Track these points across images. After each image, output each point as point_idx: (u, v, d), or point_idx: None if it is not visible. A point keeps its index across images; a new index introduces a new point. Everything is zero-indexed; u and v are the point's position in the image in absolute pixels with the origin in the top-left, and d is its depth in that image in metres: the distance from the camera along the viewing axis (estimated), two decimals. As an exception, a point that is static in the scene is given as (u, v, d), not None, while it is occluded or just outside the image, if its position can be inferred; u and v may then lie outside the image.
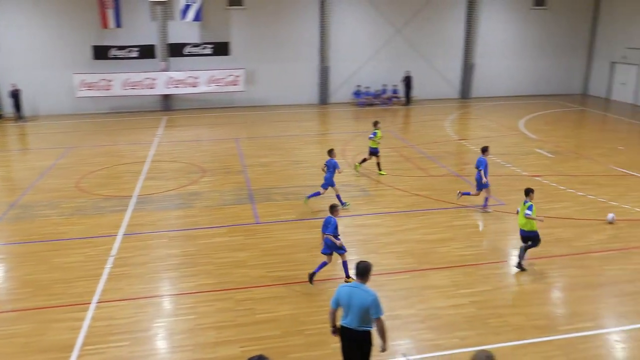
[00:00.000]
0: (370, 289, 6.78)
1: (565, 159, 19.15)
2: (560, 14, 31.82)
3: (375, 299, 6.65)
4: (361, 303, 6.66)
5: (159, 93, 27.92)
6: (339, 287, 6.95)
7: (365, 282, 6.83)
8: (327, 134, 24.19)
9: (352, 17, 29.45)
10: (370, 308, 6.64)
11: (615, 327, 9.04)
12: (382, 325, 6.75)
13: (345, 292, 6.81)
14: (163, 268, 11.13)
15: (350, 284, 6.92)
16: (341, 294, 6.84)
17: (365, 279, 6.82)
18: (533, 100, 31.38)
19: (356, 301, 6.69)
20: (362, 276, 6.80)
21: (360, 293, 6.71)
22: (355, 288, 6.77)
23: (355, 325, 6.78)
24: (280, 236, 12.63)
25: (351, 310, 6.75)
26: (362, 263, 6.86)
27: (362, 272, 6.79)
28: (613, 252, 11.76)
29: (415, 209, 14.28)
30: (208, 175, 17.30)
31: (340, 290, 6.90)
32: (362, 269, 6.80)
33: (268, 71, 29.25)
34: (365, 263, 6.87)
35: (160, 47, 27.45)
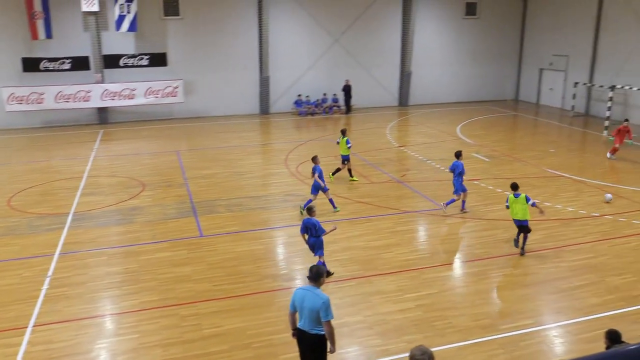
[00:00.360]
0: (322, 293, 6.89)
1: (501, 162, 19.84)
2: (490, 23, 33.09)
3: (325, 302, 6.76)
4: (312, 306, 6.80)
5: (94, 106, 27.10)
6: (295, 290, 7.11)
7: (319, 286, 6.96)
8: (270, 143, 24.14)
9: (290, 27, 29.59)
10: (320, 311, 6.76)
11: (553, 323, 9.41)
12: (330, 328, 6.86)
13: (299, 295, 6.98)
14: (103, 287, 10.77)
15: (305, 287, 7.06)
16: (296, 297, 7.01)
17: (319, 283, 6.96)
18: (468, 106, 32.41)
19: (308, 304, 6.84)
20: (315, 280, 6.94)
21: (312, 296, 6.84)
22: (308, 291, 6.92)
23: (308, 328, 6.94)
24: (225, 249, 12.48)
25: (304, 313, 6.92)
26: (315, 267, 7.06)
27: (314, 276, 6.95)
28: (548, 250, 12.26)
29: (358, 216, 14.43)
30: (148, 189, 16.91)
31: (295, 293, 7.07)
32: (315, 273, 6.96)
33: (207, 82, 28.95)
34: (318, 267, 7.08)
35: (94, 58, 26.68)
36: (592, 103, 29.29)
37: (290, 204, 15.39)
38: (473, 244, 12.73)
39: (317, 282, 6.94)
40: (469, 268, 11.56)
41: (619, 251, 12.19)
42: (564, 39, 30.61)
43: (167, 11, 27.55)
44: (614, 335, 6.38)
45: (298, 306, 6.98)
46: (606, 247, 12.40)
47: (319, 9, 29.73)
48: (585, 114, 29.36)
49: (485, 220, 14.17)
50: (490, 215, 14.45)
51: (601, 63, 28.38)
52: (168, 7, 27.51)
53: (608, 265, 11.51)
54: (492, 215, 14.49)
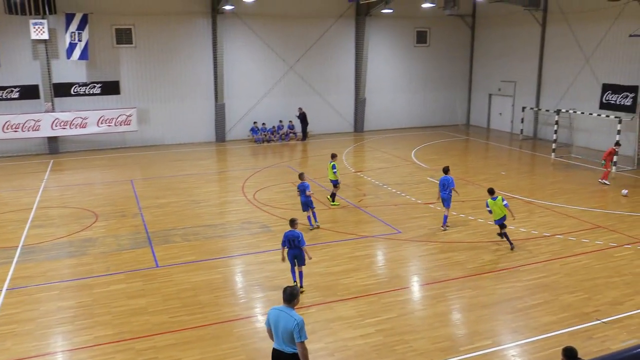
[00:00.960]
0: (296, 314, 7.01)
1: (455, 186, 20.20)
2: (441, 51, 34.07)
3: (299, 324, 6.87)
4: (285, 326, 6.93)
5: (44, 135, 26.38)
6: (270, 310, 7.21)
7: (293, 307, 7.07)
8: (226, 171, 23.98)
9: (245, 54, 29.70)
10: (293, 332, 6.87)
11: (511, 342, 9.56)
12: (304, 349, 6.93)
13: (273, 315, 7.10)
14: (55, 322, 10.36)
15: (279, 307, 7.12)
16: (270, 316, 7.14)
17: (293, 304, 7.07)
18: (422, 131, 33.09)
19: (282, 324, 6.96)
20: (289, 301, 7.05)
21: (285, 317, 6.96)
22: (282, 312, 7.04)
23: (282, 347, 7.04)
24: (182, 279, 12.23)
25: (278, 333, 7.03)
26: (289, 288, 7.16)
27: (288, 297, 7.05)
28: (503, 271, 12.51)
29: (317, 242, 14.42)
30: (102, 220, 16.48)
31: (270, 312, 7.18)
32: (289, 294, 7.07)
33: (162, 110, 28.67)
34: (292, 288, 7.19)
35: (44, 87, 26.07)
36: (539, 127, 30.37)
37: (247, 232, 15.27)
38: (431, 267, 12.88)
39: (290, 303, 7.05)
40: (427, 291, 11.67)
41: (570, 270, 12.55)
42: (511, 65, 31.78)
43: (120, 39, 27.27)
44: (570, 353, 6.51)
45: (273, 326, 7.09)
46: (558, 266, 12.75)
47: (273, 37, 30.01)
48: (534, 137, 30.39)
49: (441, 242, 14.39)
50: (446, 238, 14.68)
51: (546, 88, 29.55)
52: (121, 35, 27.25)
53: (561, 283, 11.83)
54: (449, 237, 14.73)
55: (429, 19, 32.82)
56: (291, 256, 11.32)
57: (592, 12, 26.00)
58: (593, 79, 26.42)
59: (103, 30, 26.81)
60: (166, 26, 27.88)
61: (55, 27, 25.79)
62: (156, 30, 27.75)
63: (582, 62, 27.01)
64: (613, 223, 15.81)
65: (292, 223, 11.30)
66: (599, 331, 9.79)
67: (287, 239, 11.19)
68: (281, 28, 30.07)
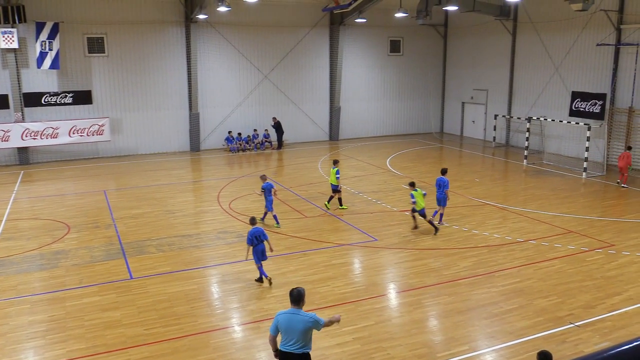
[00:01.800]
0: (307, 313, 7.24)
1: (430, 193, 20.29)
2: (414, 60, 34.48)
3: (314, 319, 7.19)
4: (303, 327, 7.15)
5: (14, 146, 25.85)
6: (278, 315, 7.33)
7: (302, 307, 7.27)
8: (201, 181, 23.80)
9: (220, 63, 29.62)
10: (312, 328, 7.20)
11: (487, 347, 9.65)
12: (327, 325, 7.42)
13: (284, 319, 7.22)
14: (26, 337, 10.11)
15: (288, 310, 7.29)
16: (280, 321, 7.24)
17: (301, 304, 7.26)
18: (396, 139, 33.35)
19: (297, 326, 7.15)
20: (297, 302, 7.25)
21: (299, 318, 7.18)
22: (293, 314, 7.22)
23: (295, 349, 7.20)
24: (157, 290, 12.07)
25: (292, 335, 7.18)
26: (296, 289, 7.32)
27: (296, 298, 7.25)
28: (478, 277, 12.64)
29: (294, 251, 14.39)
30: (74, 231, 16.19)
31: (279, 318, 7.28)
32: (296, 296, 7.26)
33: (135, 119, 28.38)
34: (298, 289, 7.33)
35: (13, 96, 25.60)
36: (511, 134, 30.87)
37: (223, 242, 15.17)
38: (407, 274, 12.94)
39: (299, 304, 7.25)
40: (404, 298, 11.72)
41: (544, 274, 12.73)
42: (483, 74, 32.29)
43: (92, 49, 26.96)
44: (545, 357, 6.58)
45: (284, 330, 7.21)
46: (532, 271, 12.93)
47: (248, 46, 30.00)
48: (506, 144, 30.87)
49: (417, 250, 14.48)
50: (422, 245, 14.78)
51: (518, 96, 30.07)
52: (93, 44, 26.94)
53: (535, 288, 11.99)
54: (424, 244, 14.83)
55: (402, 29, 33.21)
56: (259, 252, 12.00)
57: (561, 21, 26.60)
58: (562, 87, 26.99)
59: (74, 39, 26.48)
60: (139, 35, 27.67)
61: (25, 36, 25.38)
62: (129, 39, 27.51)
63: (552, 71, 27.58)
64: (584, 228, 16.11)
65: (254, 221, 12.08)
66: (572, 334, 9.94)
67: (253, 236, 11.88)
68: (255, 37, 30.09)
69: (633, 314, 10.76)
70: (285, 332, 7.22)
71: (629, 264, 13.36)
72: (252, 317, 10.80)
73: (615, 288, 11.96)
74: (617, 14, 23.76)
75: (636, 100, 23.53)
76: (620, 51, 24.07)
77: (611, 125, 24.53)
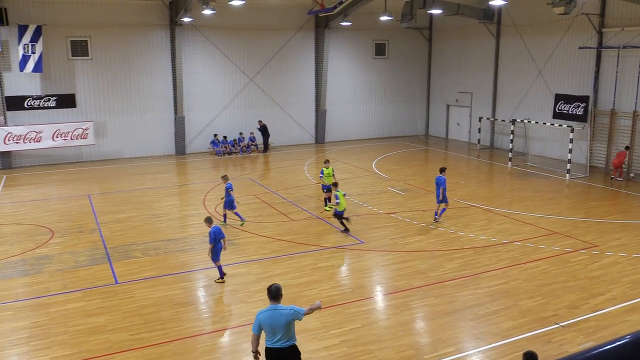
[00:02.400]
0: (286, 306, 7.44)
1: (415, 195, 20.52)
2: (399, 62, 34.64)
3: (294, 310, 7.39)
4: (286, 321, 7.33)
5: (-5, 150, 25.60)
6: (259, 314, 7.45)
7: (280, 302, 7.43)
8: (187, 184, 23.68)
9: (205, 66, 29.53)
10: (294, 319, 7.40)
11: (473, 349, 9.70)
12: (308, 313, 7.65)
13: (266, 316, 7.36)
14: (9, 344, 9.98)
15: (268, 308, 7.41)
16: (263, 320, 7.37)
17: (279, 299, 7.43)
18: (382, 142, 33.46)
19: (280, 321, 7.31)
20: (276, 298, 7.41)
21: (280, 313, 7.34)
22: (274, 310, 7.36)
23: (282, 344, 7.36)
24: (142, 295, 11.98)
25: (276, 331, 7.33)
26: (274, 285, 7.50)
27: (275, 294, 7.42)
28: (464, 278, 12.70)
29: (280, 255, 14.37)
30: (58, 236, 16.02)
31: (260, 316, 7.41)
32: (275, 292, 7.43)
33: (120, 123, 28.18)
34: (275, 285, 7.51)
35: (-5, 100, 25.34)
36: (496, 136, 31.09)
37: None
38: (393, 276, 12.97)
39: (278, 299, 7.40)
40: (390, 300, 11.74)
41: (529, 275, 12.83)
42: (467, 77, 32.52)
43: (75, 52, 26.74)
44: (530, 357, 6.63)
45: (268, 327, 7.34)
46: (517, 272, 13.03)
47: (233, 49, 29.95)
48: (491, 146, 31.10)
49: (404, 252, 14.52)
50: (408, 247, 14.83)
51: (502, 99, 30.32)
52: (76, 47, 26.72)
53: (520, 289, 12.08)
54: (410, 247, 14.88)
55: (387, 32, 33.35)
56: (218, 251, 12.41)
57: (544, 25, 26.88)
58: (546, 89, 27.27)
59: (58, 42, 26.24)
60: (123, 38, 27.50)
61: (7, 39, 25.11)
62: (113, 42, 27.32)
63: (535, 74, 27.85)
64: (568, 229, 16.28)
65: (210, 221, 12.64)
66: (557, 335, 10.03)
67: (215, 235, 12.38)
68: (241, 40, 30.04)
69: (616, 314, 10.89)
70: (269, 329, 7.34)
71: (612, 264, 13.52)
72: (239, 321, 10.76)
73: (599, 288, 12.09)
74: (599, 17, 24.07)
75: (618, 102, 23.85)
76: (602, 54, 24.39)
77: (594, 127, 24.83)
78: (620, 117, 23.81)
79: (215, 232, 12.38)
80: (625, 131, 23.62)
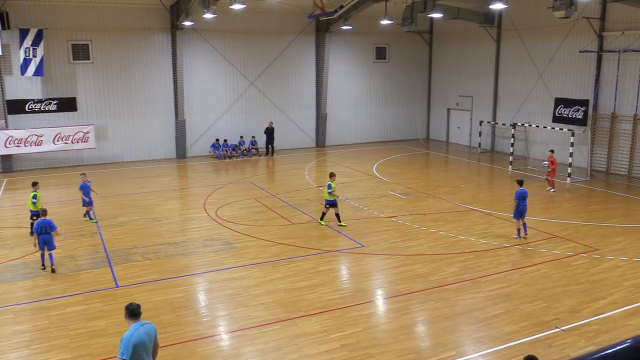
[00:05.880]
0: (146, 321, 7.13)
1: (416, 199, 20.51)
2: (399, 66, 34.69)
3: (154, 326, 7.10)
4: (154, 334, 7.06)
5: (-4, 154, 25.62)
6: (130, 337, 6.76)
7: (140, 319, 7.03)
8: (187, 188, 23.68)
9: (206, 70, 29.58)
10: (155, 336, 7.09)
11: (474, 353, 9.67)
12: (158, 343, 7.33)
13: (138, 336, 6.80)
14: (10, 347, 9.97)
15: (134, 326, 6.90)
16: (136, 340, 6.76)
17: (139, 317, 7.01)
18: (383, 146, 33.48)
19: (149, 338, 6.93)
20: (137, 315, 6.99)
21: (146, 329, 6.96)
22: (142, 327, 6.93)
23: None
24: (143, 299, 11.95)
25: (147, 350, 6.88)
26: (134, 304, 7.03)
27: (138, 311, 7.00)
28: (465, 282, 12.68)
29: (281, 258, 14.35)
30: (58, 240, 15.93)
31: (131, 340, 6.73)
32: (136, 309, 6.98)
33: (121, 126, 28.21)
34: (134, 303, 7.05)
35: (-4, 104, 25.37)
36: (496, 140, 31.10)
37: (210, 249, 15.09)
38: (394, 280, 12.95)
39: (139, 316, 7.00)
40: (391, 304, 11.72)
41: (530, 279, 12.81)
42: (468, 80, 32.55)
43: (77, 55, 26.78)
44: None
45: (142, 348, 6.78)
46: (518, 276, 13.01)
47: (234, 53, 30.00)
48: (491, 150, 31.09)
49: (404, 256, 14.51)
50: (408, 251, 14.81)
51: (502, 103, 30.34)
52: (77, 51, 26.77)
53: (521, 293, 12.06)
54: (411, 250, 14.87)
55: (387, 36, 33.40)
56: (42, 241, 13.35)
57: (544, 29, 26.91)
58: (546, 93, 27.28)
59: (59, 46, 26.30)
60: (124, 42, 27.55)
61: (9, 43, 25.17)
62: (114, 46, 27.38)
63: (536, 77, 27.86)
64: (569, 233, 16.26)
65: (45, 212, 13.73)
66: (558, 339, 10.00)
67: (40, 226, 13.30)
68: (242, 44, 30.09)
69: (618, 318, 10.86)
70: (142, 349, 6.80)
71: (613, 268, 13.50)
72: (239, 325, 10.74)
73: (600, 292, 12.07)
74: (599, 21, 24.09)
75: (618, 106, 23.85)
76: (602, 58, 24.40)
77: (594, 131, 24.82)
78: (620, 120, 23.81)
79: (39, 224, 13.34)
80: (625, 135, 23.61)
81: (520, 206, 15.30)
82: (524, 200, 15.30)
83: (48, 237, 13.44)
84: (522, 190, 15.41)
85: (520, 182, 15.84)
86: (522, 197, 15.30)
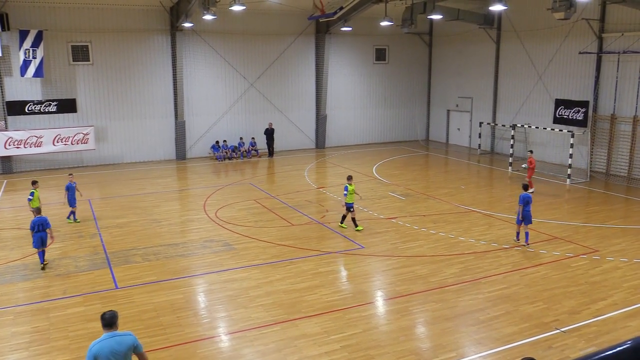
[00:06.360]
0: (123, 332, 6.82)
1: (416, 200, 20.51)
2: (399, 68, 34.70)
3: (134, 337, 6.76)
4: (127, 348, 6.65)
5: (-4, 155, 25.62)
6: (92, 346, 6.58)
7: (116, 329, 6.76)
8: (187, 189, 23.68)
9: (205, 72, 29.59)
10: (135, 347, 6.73)
11: (475, 354, 9.67)
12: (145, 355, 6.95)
13: (105, 347, 6.54)
14: (9, 349, 9.96)
15: (104, 337, 6.64)
16: (98, 351, 6.52)
17: (116, 326, 6.75)
18: (383, 147, 33.48)
19: (120, 349, 6.59)
20: (112, 325, 6.70)
21: (119, 341, 6.63)
22: (112, 338, 6.62)
23: None
24: (142, 300, 11.96)
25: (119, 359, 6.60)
26: (108, 313, 6.79)
27: (110, 321, 6.70)
28: (465, 283, 12.68)
29: (281, 259, 14.35)
30: (58, 241, 16.01)
31: (95, 348, 6.55)
32: (110, 318, 6.72)
33: (120, 128, 28.21)
34: (112, 312, 6.81)
35: (-4, 105, 25.38)
36: (496, 141, 31.11)
37: (209, 250, 15.09)
38: (394, 281, 12.95)
39: (113, 326, 6.70)
40: (391, 305, 11.72)
41: (530, 280, 12.81)
42: (467, 82, 32.57)
43: (76, 57, 26.79)
44: (530, 363, 6.62)
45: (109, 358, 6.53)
46: (518, 277, 13.00)
47: (234, 54, 30.01)
48: (491, 151, 31.10)
49: (404, 257, 14.51)
50: (408, 252, 14.81)
51: (502, 104, 30.35)
52: (77, 52, 26.79)
53: (521, 294, 12.05)
54: (411, 252, 14.86)
55: (387, 37, 33.42)
56: (38, 238, 13.64)
57: (544, 30, 26.93)
58: (546, 94, 27.29)
59: (58, 47, 26.31)
60: (124, 43, 27.56)
61: (8, 44, 25.18)
62: (114, 48, 27.39)
63: (536, 79, 27.88)
64: (569, 234, 16.26)
65: (39, 211, 14.30)
66: (558, 340, 10.00)
67: (36, 224, 13.68)
68: (241, 45, 30.11)
69: (618, 319, 10.86)
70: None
71: (613, 269, 13.50)
72: (239, 326, 10.74)
73: (600, 293, 12.07)
74: (599, 22, 24.11)
75: (618, 107, 23.86)
76: (602, 59, 24.42)
77: (594, 132, 24.83)
78: (620, 122, 23.82)
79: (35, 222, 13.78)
80: (625, 136, 23.62)
81: (525, 211, 15.18)
82: (528, 205, 15.21)
83: (44, 235, 13.81)
84: (526, 194, 15.37)
85: (525, 187, 15.89)
86: (526, 202, 15.23)
